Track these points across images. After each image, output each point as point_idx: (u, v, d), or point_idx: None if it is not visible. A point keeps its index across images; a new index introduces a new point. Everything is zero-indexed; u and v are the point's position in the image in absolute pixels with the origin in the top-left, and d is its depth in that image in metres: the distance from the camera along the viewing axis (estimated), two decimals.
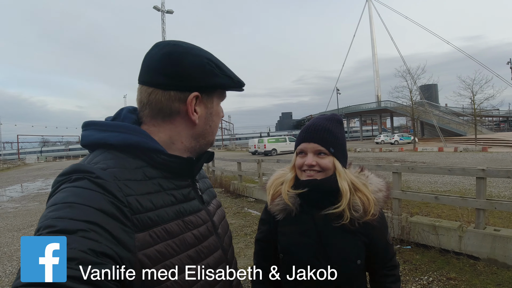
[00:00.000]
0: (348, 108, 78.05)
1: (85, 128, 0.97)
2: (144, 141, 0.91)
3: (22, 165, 66.61)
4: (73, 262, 0.64)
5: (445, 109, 63.39)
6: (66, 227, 0.68)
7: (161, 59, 0.95)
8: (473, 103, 39.32)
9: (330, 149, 1.45)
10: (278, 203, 1.55)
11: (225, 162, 17.78)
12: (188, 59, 0.95)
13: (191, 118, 0.97)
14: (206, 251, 0.97)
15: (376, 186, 1.52)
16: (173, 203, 0.92)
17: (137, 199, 0.83)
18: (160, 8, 30.27)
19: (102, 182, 0.78)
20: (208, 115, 1.01)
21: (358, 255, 1.45)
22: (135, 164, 0.89)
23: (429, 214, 7.69)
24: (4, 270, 6.24)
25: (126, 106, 1.05)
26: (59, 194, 0.77)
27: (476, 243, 5.18)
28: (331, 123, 1.51)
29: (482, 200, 5.20)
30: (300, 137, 1.52)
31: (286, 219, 1.54)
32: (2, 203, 15.43)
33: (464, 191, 10.53)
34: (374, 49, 72.91)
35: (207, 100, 1.00)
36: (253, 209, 10.07)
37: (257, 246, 1.71)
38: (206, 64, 0.97)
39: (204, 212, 1.03)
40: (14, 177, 33.15)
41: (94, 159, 0.87)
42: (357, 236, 1.45)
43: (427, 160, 22.17)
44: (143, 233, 0.81)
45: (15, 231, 9.48)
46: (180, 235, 0.89)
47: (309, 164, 1.45)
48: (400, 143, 49.23)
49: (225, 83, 1.01)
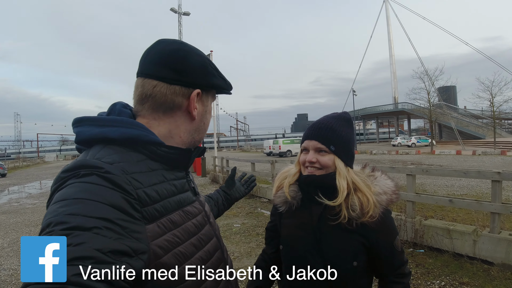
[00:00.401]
0: (365, 109, 77.43)
1: (79, 124, 0.95)
2: (144, 134, 0.91)
3: (41, 163, 68.00)
4: (89, 260, 0.64)
5: (463, 111, 62.38)
6: (80, 224, 0.67)
7: (169, 54, 0.97)
8: (492, 105, 38.61)
9: (331, 147, 1.46)
10: (280, 195, 1.61)
11: (239, 163, 17.77)
12: (194, 58, 1.01)
13: (192, 113, 1.01)
14: (205, 238, 1.01)
15: (381, 188, 1.49)
16: (174, 193, 0.94)
17: (145, 191, 0.84)
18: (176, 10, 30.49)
19: (112, 177, 0.78)
20: (204, 112, 1.07)
21: (355, 257, 1.43)
22: (137, 157, 0.90)
23: (444, 217, 7.59)
24: (19, 264, 6.28)
25: (119, 101, 1.05)
26: (67, 189, 0.76)
27: (490, 247, 5.08)
28: (336, 121, 1.51)
29: (497, 204, 5.11)
30: (304, 135, 1.55)
31: (288, 211, 1.58)
32: (21, 199, 15.81)
33: (481, 195, 10.36)
34: (392, 50, 72.20)
35: (205, 98, 1.07)
36: (266, 209, 10.07)
37: (266, 234, 1.79)
38: (208, 65, 1.04)
39: (197, 203, 1.07)
40: (33, 174, 33.89)
41: (96, 155, 0.85)
42: (354, 236, 1.44)
43: (444, 163, 21.86)
44: (152, 224, 0.82)
45: (32, 226, 9.73)
46: (183, 224, 0.93)
47: (309, 160, 1.48)
48: (417, 145, 48.73)
49: (221, 85, 1.09)
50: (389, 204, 1.49)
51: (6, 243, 8.05)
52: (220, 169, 17.97)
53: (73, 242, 0.65)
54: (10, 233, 8.99)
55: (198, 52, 1.04)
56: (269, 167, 12.25)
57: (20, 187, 22.46)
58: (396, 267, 1.50)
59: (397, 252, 1.49)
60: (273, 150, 40.84)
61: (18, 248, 7.46)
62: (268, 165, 13.01)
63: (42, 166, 54.47)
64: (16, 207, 13.50)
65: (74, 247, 0.64)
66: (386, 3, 72.19)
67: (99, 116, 0.97)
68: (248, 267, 1.12)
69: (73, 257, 0.63)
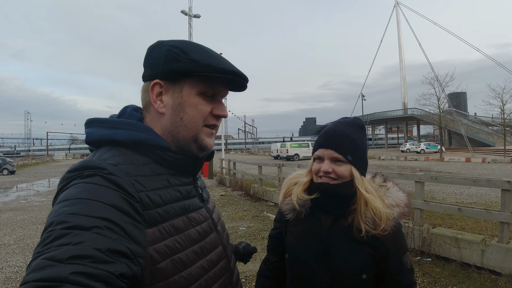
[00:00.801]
0: (374, 114, 77.19)
1: (89, 125, 0.98)
2: (151, 138, 0.92)
3: (50, 161, 68.52)
4: (87, 259, 0.63)
5: (473, 118, 61.94)
6: (80, 223, 0.68)
7: (145, 54, 1.01)
8: (503, 112, 38.16)
9: (348, 157, 1.39)
10: (288, 202, 1.54)
11: (246, 166, 17.80)
12: (155, 50, 0.98)
13: (154, 106, 0.97)
14: (209, 247, 0.99)
15: (394, 200, 1.43)
16: (179, 199, 0.94)
17: (148, 195, 0.84)
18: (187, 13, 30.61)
19: (115, 178, 0.79)
20: (176, 105, 0.96)
21: (364, 269, 1.37)
22: (143, 161, 0.91)
23: (452, 226, 7.51)
24: (25, 261, 6.43)
25: (131, 104, 1.07)
26: (70, 190, 0.77)
27: (499, 258, 5.00)
28: (351, 129, 1.44)
29: (507, 213, 5.03)
30: (318, 142, 1.47)
31: (296, 219, 1.52)
32: (29, 197, 15.97)
33: (490, 203, 10.24)
34: (402, 55, 71.92)
35: (174, 89, 0.96)
36: (272, 213, 10.03)
37: (269, 241, 1.71)
38: (167, 51, 0.95)
39: (204, 209, 1.05)
40: (42, 172, 34.18)
41: (102, 156, 0.87)
42: (364, 248, 1.37)
43: (453, 170, 21.66)
44: (153, 229, 0.82)
45: (39, 224, 9.80)
46: (186, 231, 0.92)
47: (325, 170, 1.40)
48: (426, 152, 48.46)
49: (187, 69, 0.93)
50: (402, 217, 1.44)
51: (12, 240, 8.10)
52: (227, 171, 17.95)
53: (72, 241, 0.65)
54: (17, 230, 9.06)
55: (165, 43, 0.98)
56: (276, 170, 12.22)
57: (28, 184, 22.63)
58: (402, 285, 1.41)
59: (406, 269, 1.42)
60: (281, 153, 40.82)
61: (24, 246, 7.52)
62: (275, 169, 12.99)
63: (51, 164, 54.95)
64: (24, 204, 13.62)
65: (74, 246, 0.64)
66: (397, 8, 71.95)
67: (109, 118, 0.99)
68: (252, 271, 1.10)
69: (72, 256, 0.63)
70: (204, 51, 0.97)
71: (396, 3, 72.23)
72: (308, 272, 1.42)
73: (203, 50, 0.97)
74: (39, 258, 0.63)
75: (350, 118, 1.51)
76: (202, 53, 0.96)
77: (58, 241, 0.65)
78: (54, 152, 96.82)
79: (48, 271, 0.60)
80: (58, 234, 0.66)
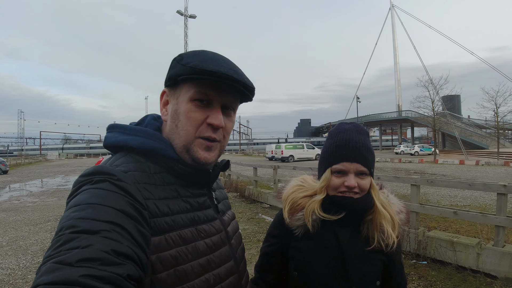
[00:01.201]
0: (368, 116, 77.65)
1: (110, 130, 1.01)
2: (163, 148, 0.94)
3: (44, 161, 68.12)
4: (96, 262, 0.64)
5: (467, 121, 62.46)
6: (88, 227, 0.69)
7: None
8: (497, 115, 38.53)
9: (371, 169, 1.35)
10: (299, 218, 1.41)
11: (241, 167, 17.75)
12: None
13: (161, 114, 1.00)
14: (218, 261, 0.97)
15: (397, 207, 1.44)
16: (188, 210, 0.93)
17: (155, 203, 0.85)
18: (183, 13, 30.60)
19: (123, 185, 0.80)
20: (173, 112, 0.96)
21: (378, 276, 1.37)
22: (154, 169, 0.92)
23: (447, 229, 7.52)
24: (18, 263, 6.35)
25: (151, 113, 1.09)
26: (80, 196, 0.78)
27: (494, 261, 5.02)
28: (366, 138, 1.39)
29: (502, 217, 5.05)
30: (337, 154, 1.35)
31: (305, 234, 1.41)
32: (22, 197, 15.80)
33: (485, 206, 10.28)
34: (396, 58, 72.40)
35: (173, 96, 0.97)
36: (267, 215, 10.02)
37: (263, 259, 1.55)
38: (173, 61, 0.98)
39: (218, 221, 1.04)
40: (35, 172, 33.92)
41: (115, 162, 0.89)
42: (378, 256, 1.37)
43: (448, 173, 21.75)
44: (159, 237, 0.83)
45: (32, 225, 9.68)
46: (193, 243, 0.90)
47: (351, 185, 1.31)
48: (420, 154, 48.83)
49: (177, 73, 0.93)
50: (407, 222, 1.45)
51: (5, 241, 8.00)
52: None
53: (81, 244, 0.66)
54: (9, 232, 8.95)
55: (182, 53, 1.00)
56: (271, 172, 12.20)
57: (21, 184, 22.41)
58: (403, 286, 1.48)
59: (403, 269, 1.48)
60: (275, 154, 40.78)
61: (17, 247, 7.44)
62: (270, 170, 12.96)
63: (44, 164, 54.59)
64: (17, 205, 13.47)
65: (83, 249, 0.65)
66: (392, 10, 72.40)
67: (127, 125, 1.01)
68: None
69: (81, 259, 0.63)
70: (202, 56, 0.93)
71: (391, 6, 72.69)
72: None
73: (202, 55, 0.94)
74: (49, 262, 0.64)
75: (358, 126, 1.43)
76: (198, 58, 0.92)
77: (67, 245, 0.66)
78: (47, 152, 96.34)
79: (58, 274, 0.61)
80: (67, 238, 0.67)
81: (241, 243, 1.17)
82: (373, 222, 1.36)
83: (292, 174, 15.93)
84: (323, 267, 1.36)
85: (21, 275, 5.74)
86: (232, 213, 1.22)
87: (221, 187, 1.26)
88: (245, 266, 1.16)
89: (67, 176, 27.68)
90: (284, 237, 1.47)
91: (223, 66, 0.92)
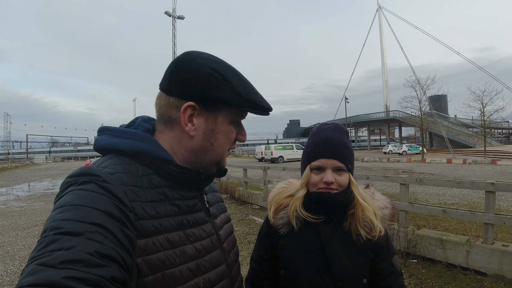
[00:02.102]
0: (357, 117, 78.25)
1: (100, 133, 1.00)
2: (153, 150, 0.93)
3: (30, 164, 67.15)
4: (79, 263, 0.64)
5: (454, 120, 63.20)
6: (72, 229, 0.69)
7: (171, 65, 0.97)
8: (483, 114, 39.02)
9: (348, 165, 1.38)
10: (282, 216, 1.46)
11: (231, 168, 17.69)
12: (191, 67, 0.93)
13: (184, 129, 0.94)
14: (208, 265, 0.96)
15: (382, 203, 1.46)
16: (176, 214, 0.92)
17: (142, 206, 0.84)
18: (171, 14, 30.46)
19: (108, 186, 0.80)
20: (209, 130, 0.96)
21: (364, 273, 1.37)
22: (143, 171, 0.91)
23: (436, 227, 7.59)
24: (5, 269, 6.22)
25: (141, 115, 1.08)
26: (66, 197, 0.78)
27: (483, 258, 5.08)
28: (345, 136, 1.43)
29: (491, 214, 5.11)
30: (316, 152, 1.40)
31: (289, 232, 1.45)
32: (8, 202, 15.52)
33: (473, 204, 10.40)
34: (384, 59, 72.94)
35: (208, 114, 0.95)
36: (257, 216, 10.01)
37: (257, 266, 1.55)
38: (208, 75, 0.92)
39: (209, 225, 1.02)
40: (21, 176, 33.41)
41: (103, 163, 0.89)
42: (363, 252, 1.37)
43: (436, 171, 21.97)
44: (146, 240, 0.81)
45: (19, 230, 9.50)
46: (181, 246, 0.89)
47: (328, 181, 1.35)
48: (408, 153, 49.22)
49: (229, 99, 0.93)
50: (392, 218, 1.46)
51: None
52: None
53: (64, 246, 0.66)
54: None
55: (202, 62, 0.94)
56: (261, 173, 12.19)
57: (8, 189, 22.03)
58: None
59: (397, 272, 1.43)
60: (265, 155, 40.80)
61: (4, 253, 7.29)
62: (260, 171, 12.99)
63: (31, 167, 53.77)
64: (3, 209, 13.22)
65: (66, 251, 0.65)
66: (379, 12, 72.96)
67: (117, 127, 1.00)
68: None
69: (64, 260, 0.63)
70: (244, 83, 0.97)
71: (378, 7, 73.26)
72: (311, 285, 1.37)
73: (243, 81, 0.97)
74: (33, 263, 0.64)
75: (337, 125, 1.47)
76: (243, 84, 0.96)
77: (50, 246, 0.66)
78: (34, 155, 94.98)
79: (41, 275, 0.61)
80: (51, 239, 0.67)
81: (234, 247, 1.16)
82: (355, 216, 1.37)
83: (282, 175, 15.97)
84: (307, 264, 1.39)
85: (9, 281, 5.63)
86: (226, 216, 1.21)
87: (215, 190, 1.25)
88: (239, 270, 1.15)
89: (54, 179, 27.29)
90: (273, 238, 1.50)
91: (263, 98, 1.00)
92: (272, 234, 1.50)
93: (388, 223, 1.44)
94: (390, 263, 1.42)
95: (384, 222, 1.40)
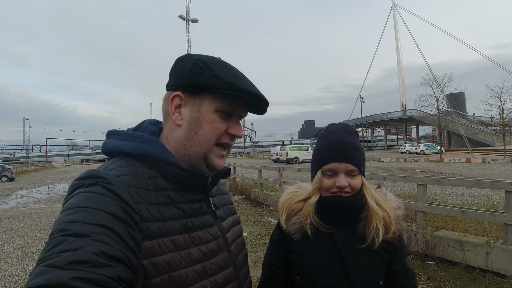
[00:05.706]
0: (373, 116, 77.46)
1: (108, 136, 1.02)
2: (158, 152, 0.94)
3: (50, 167, 68.47)
4: (86, 264, 0.65)
5: (472, 118, 62.00)
6: (78, 230, 0.70)
7: (172, 64, 1.03)
8: (502, 112, 38.24)
9: (361, 168, 1.36)
10: (295, 222, 1.43)
11: (246, 170, 17.73)
12: (183, 62, 0.99)
13: (172, 118, 0.99)
14: (215, 268, 0.96)
15: (395, 203, 1.45)
16: (181, 217, 0.93)
17: (147, 208, 0.85)
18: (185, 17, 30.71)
19: (114, 188, 0.81)
20: (193, 119, 0.97)
21: (381, 276, 1.35)
22: (148, 174, 0.92)
23: (455, 228, 7.46)
24: (24, 270, 6.37)
25: (148, 119, 1.09)
26: (72, 199, 0.79)
27: (503, 260, 4.96)
28: (355, 138, 1.40)
29: (511, 215, 4.98)
30: (327, 156, 1.37)
31: (303, 238, 1.42)
32: (28, 204, 15.88)
33: (492, 204, 10.19)
34: (399, 57, 72.19)
35: (193, 102, 0.97)
36: (273, 217, 10.00)
37: (269, 273, 1.51)
38: (193, 64, 0.96)
39: (215, 228, 1.03)
40: (41, 178, 34.09)
41: (109, 166, 0.91)
42: (378, 254, 1.35)
43: (454, 171, 21.62)
44: (152, 241, 0.82)
45: (38, 231, 9.73)
46: (186, 249, 0.90)
47: (341, 185, 1.33)
48: (426, 153, 48.53)
49: (208, 83, 0.94)
50: (405, 218, 1.45)
51: (11, 248, 8.04)
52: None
53: (71, 247, 0.67)
54: (16, 238, 8.99)
55: (193, 56, 0.99)
56: (276, 174, 12.17)
57: (27, 191, 22.56)
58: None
59: (410, 273, 1.42)
60: (280, 156, 40.81)
61: (23, 254, 7.46)
62: (275, 173, 12.95)
63: (51, 170, 54.85)
64: (23, 211, 13.54)
65: (73, 252, 0.66)
66: (393, 9, 72.25)
67: (124, 131, 1.02)
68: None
69: (70, 261, 0.64)
70: (229, 69, 0.97)
71: (393, 5, 72.53)
72: None
73: (228, 68, 0.98)
74: (41, 265, 0.65)
75: (346, 126, 1.45)
76: (227, 70, 0.96)
77: (58, 248, 0.67)
78: (53, 158, 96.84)
79: (49, 276, 0.62)
80: (58, 241, 0.68)
81: (243, 249, 1.16)
82: (368, 220, 1.36)
83: (297, 175, 15.91)
84: (323, 269, 1.36)
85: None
86: (235, 219, 1.21)
87: (224, 192, 1.25)
88: (247, 273, 1.14)
89: None
90: (286, 244, 1.48)
91: (251, 84, 0.98)
92: (285, 240, 1.47)
93: (402, 223, 1.42)
94: (404, 264, 1.40)
95: (398, 223, 1.38)
